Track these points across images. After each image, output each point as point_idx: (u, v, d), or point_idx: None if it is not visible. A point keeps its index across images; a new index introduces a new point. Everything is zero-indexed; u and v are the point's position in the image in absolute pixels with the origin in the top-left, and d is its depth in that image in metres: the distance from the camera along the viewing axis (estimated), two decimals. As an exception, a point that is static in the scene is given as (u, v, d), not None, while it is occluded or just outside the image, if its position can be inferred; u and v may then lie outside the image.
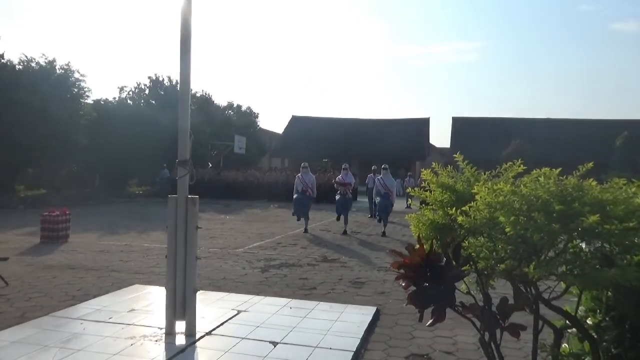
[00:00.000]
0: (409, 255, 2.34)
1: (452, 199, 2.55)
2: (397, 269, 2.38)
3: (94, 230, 11.68)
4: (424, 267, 2.28)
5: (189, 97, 4.39)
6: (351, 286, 6.53)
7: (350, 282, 6.77)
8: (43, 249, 8.94)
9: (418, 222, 2.65)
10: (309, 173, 12.57)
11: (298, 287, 6.41)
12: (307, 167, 12.57)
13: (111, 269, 7.24)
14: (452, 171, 2.69)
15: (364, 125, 43.21)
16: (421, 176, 2.81)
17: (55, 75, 20.56)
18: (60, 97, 19.93)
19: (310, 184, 12.38)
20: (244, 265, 7.74)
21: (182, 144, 4.30)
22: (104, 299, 5.44)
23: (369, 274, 7.37)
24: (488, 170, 2.70)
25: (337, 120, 44.88)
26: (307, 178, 12.41)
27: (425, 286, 2.29)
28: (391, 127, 42.32)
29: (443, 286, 2.27)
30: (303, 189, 12.28)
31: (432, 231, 2.56)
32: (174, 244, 4.30)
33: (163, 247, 8.76)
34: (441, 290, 2.26)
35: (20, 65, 20.09)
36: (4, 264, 6.83)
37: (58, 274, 6.81)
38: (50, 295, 5.62)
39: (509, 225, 1.98)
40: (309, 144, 40.11)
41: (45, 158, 19.84)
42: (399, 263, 2.36)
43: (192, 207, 4.27)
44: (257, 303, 5.46)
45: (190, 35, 4.30)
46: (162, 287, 5.27)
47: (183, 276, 4.27)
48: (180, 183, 4.30)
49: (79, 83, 21.55)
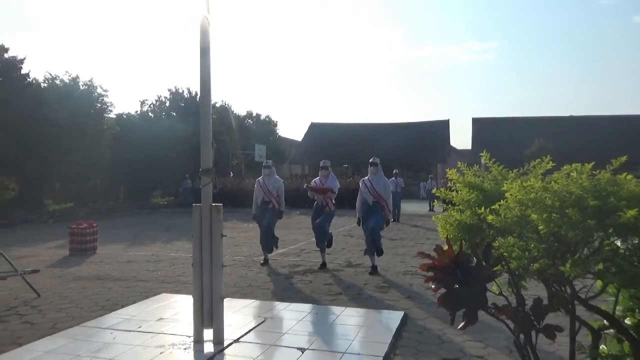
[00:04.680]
0: (437, 257, 2.30)
1: (479, 199, 2.50)
2: (426, 271, 2.35)
3: (121, 241, 11.87)
4: (454, 268, 2.24)
5: (209, 107, 4.43)
6: (377, 291, 6.47)
7: (376, 286, 6.72)
8: (72, 260, 9.13)
9: (445, 223, 2.61)
10: (274, 176, 8.68)
11: (324, 292, 6.39)
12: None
13: (138, 278, 7.34)
14: (479, 170, 2.65)
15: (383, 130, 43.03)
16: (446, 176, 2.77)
17: (78, 92, 21.11)
18: (84, 113, 20.45)
19: (276, 192, 8.54)
20: (269, 273, 7.76)
21: (205, 152, 4.34)
22: (132, 309, 5.51)
23: (394, 278, 7.30)
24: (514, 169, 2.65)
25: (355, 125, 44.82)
26: (270, 183, 8.57)
27: (456, 288, 2.25)
28: (411, 130, 42.05)
29: (474, 288, 2.22)
30: (265, 199, 8.52)
31: (460, 232, 2.51)
32: (200, 252, 4.32)
33: (188, 256, 8.86)
34: (472, 292, 2.22)
35: (45, 83, 20.69)
36: (36, 276, 6.98)
37: (87, 284, 6.94)
38: (80, 306, 5.73)
39: (542, 222, 1.93)
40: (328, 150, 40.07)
41: (71, 172, 20.33)
42: (427, 265, 2.32)
43: (217, 215, 4.30)
44: (283, 309, 5.45)
45: (209, 46, 4.35)
46: (189, 295, 5.31)
47: (209, 284, 4.29)
48: (204, 191, 4.34)
49: (102, 98, 22.07)
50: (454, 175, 2.62)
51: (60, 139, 18.95)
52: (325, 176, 8.34)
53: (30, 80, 19.87)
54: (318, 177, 8.51)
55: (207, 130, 4.34)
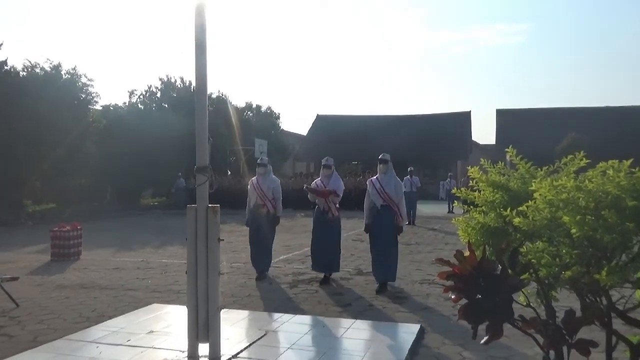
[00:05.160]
0: (458, 264, 2.30)
1: (505, 199, 2.51)
2: (445, 280, 2.35)
3: (107, 246, 11.94)
4: (476, 276, 2.25)
5: (205, 98, 4.44)
6: (391, 302, 6.48)
7: (390, 297, 6.72)
8: (54, 267, 9.20)
9: (467, 227, 2.62)
10: (269, 175, 8.35)
11: (331, 303, 6.40)
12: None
13: (127, 287, 7.38)
14: (504, 168, 2.65)
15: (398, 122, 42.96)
16: (468, 174, 2.77)
17: (61, 81, 21.27)
18: (67, 104, 20.60)
19: (272, 194, 8.17)
20: (271, 281, 7.78)
21: (200, 148, 4.35)
22: (120, 320, 5.54)
23: (410, 287, 7.30)
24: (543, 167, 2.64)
25: (366, 117, 44.80)
26: (266, 183, 8.19)
27: (478, 298, 2.25)
28: (428, 123, 41.97)
29: (499, 298, 2.23)
30: (258, 201, 8.14)
31: (483, 236, 2.52)
32: (195, 258, 4.34)
33: (182, 262, 8.90)
34: (497, 303, 2.22)
35: (24, 71, 20.87)
36: (14, 284, 7.03)
37: (71, 293, 6.99)
38: (63, 317, 5.76)
39: (575, 225, 1.92)
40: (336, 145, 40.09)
41: (53, 170, 20.49)
42: (447, 273, 2.33)
43: (213, 218, 4.31)
44: (287, 322, 5.47)
45: (206, 31, 4.36)
46: (183, 306, 5.33)
47: (205, 294, 4.31)
48: (199, 191, 4.35)
49: (87, 88, 22.26)
50: (476, 174, 2.62)
51: (41, 133, 19.09)
52: (328, 176, 7.88)
53: (8, 68, 20.04)
54: (319, 177, 8.15)
55: (202, 123, 4.36)
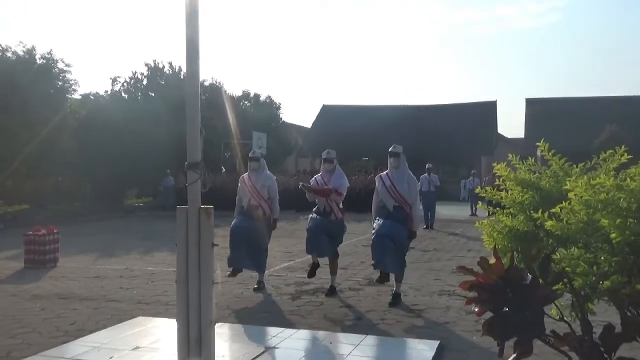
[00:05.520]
0: (482, 272, 2.31)
1: (535, 200, 2.51)
2: (468, 290, 2.35)
3: (88, 252, 12.00)
4: (503, 287, 2.25)
5: (197, 85, 4.45)
6: (406, 315, 6.49)
7: (405, 309, 6.73)
8: (28, 275, 9.26)
9: (492, 231, 2.62)
10: (264, 171, 8.13)
11: (339, 317, 6.41)
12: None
13: (109, 298, 7.42)
14: (535, 164, 2.64)
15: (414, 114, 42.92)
16: (493, 171, 2.77)
17: (35, 67, 21.38)
18: (42, 93, 20.70)
19: (267, 193, 7.96)
20: (271, 292, 7.81)
21: (192, 142, 4.36)
22: (102, 335, 5.57)
23: (427, 299, 7.31)
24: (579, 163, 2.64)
25: (379, 108, 44.78)
26: (260, 180, 7.96)
27: (505, 311, 2.26)
28: (448, 114, 41.91)
29: (528, 311, 2.23)
30: (252, 202, 7.90)
31: (511, 241, 2.52)
32: (185, 266, 4.36)
33: (171, 270, 8.93)
34: (526, 317, 2.23)
35: (-6, 56, 20.97)
36: (-16, 294, 7.11)
37: (47, 304, 7.03)
38: (38, 331, 5.80)
39: (615, 230, 1.92)
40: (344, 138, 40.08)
41: (26, 167, 20.59)
42: (469, 283, 2.34)
43: (207, 220, 4.32)
44: (289, 338, 5.48)
45: (198, 10, 4.37)
46: (172, 319, 5.34)
47: (197, 306, 4.32)
48: (190, 191, 4.36)
49: (64, 75, 22.37)
50: (503, 171, 2.62)
51: (12, 126, 19.20)
52: (330, 171, 7.61)
53: (-25, 52, 20.20)
54: (320, 173, 7.92)
55: (194, 114, 4.37)
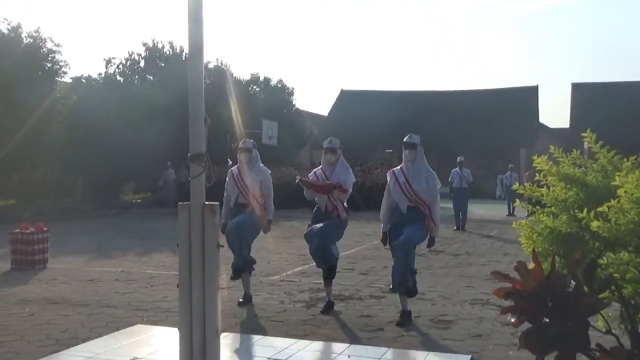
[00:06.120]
0: (519, 278, 2.32)
1: (580, 197, 2.51)
2: (503, 299, 2.37)
3: (80, 252, 12.15)
4: (543, 295, 2.26)
5: (201, 67, 4.48)
6: (433, 326, 6.49)
7: (432, 320, 6.73)
8: (15, 277, 9.42)
9: (532, 232, 2.62)
10: (256, 163, 7.88)
11: (358, 327, 6.44)
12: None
13: (104, 304, 7.51)
14: (580, 157, 2.64)
15: (444, 100, 42.72)
16: (533, 165, 2.77)
17: (21, 46, 21.57)
18: (28, 75, 20.89)
19: (259, 189, 7.65)
20: (283, 299, 7.85)
21: (195, 131, 4.38)
22: (97, 344, 5.65)
23: (457, 309, 7.30)
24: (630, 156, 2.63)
25: (404, 94, 44.62)
26: (250, 175, 7.67)
27: (545, 322, 2.27)
28: (482, 100, 41.64)
29: (571, 322, 2.24)
30: (240, 199, 7.63)
31: (552, 244, 2.53)
32: (188, 269, 4.39)
33: (172, 273, 9.02)
34: (568, 328, 2.24)
35: (-25, 34, 21.18)
36: (-33, 298, 7.24)
37: (36, 310, 7.13)
38: (27, 339, 5.89)
39: (669, 232, 1.92)
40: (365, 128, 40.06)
41: (11, 159, 20.79)
42: (505, 290, 2.35)
43: (211, 218, 4.35)
44: (302, 350, 5.52)
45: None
46: (174, 328, 5.43)
47: (201, 313, 4.36)
48: (193, 185, 4.39)
49: (53, 56, 22.57)
50: (544, 164, 2.62)
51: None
52: (332, 164, 7.31)
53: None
54: (320, 166, 7.61)
55: (197, 100, 4.39)
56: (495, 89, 43.82)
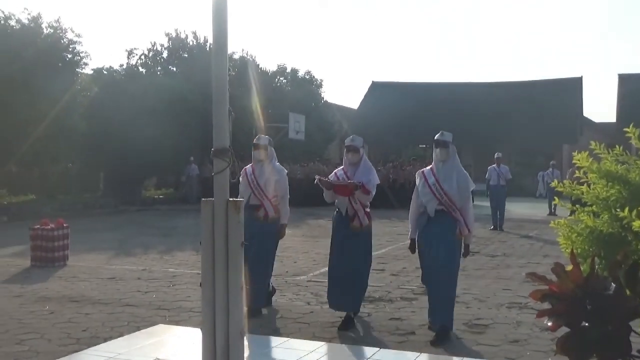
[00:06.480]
0: (557, 280, 2.32)
1: (623, 196, 2.49)
2: (540, 301, 2.37)
3: (101, 249, 12.38)
4: (582, 297, 2.26)
5: (226, 58, 4.51)
6: (467, 330, 6.48)
7: (466, 324, 6.72)
8: (35, 274, 9.62)
9: (571, 232, 2.62)
10: (272, 162, 7.64)
11: (388, 331, 6.45)
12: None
13: (126, 302, 7.64)
14: (623, 153, 2.62)
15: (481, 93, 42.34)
16: (573, 161, 2.75)
17: (41, 37, 21.81)
18: (49, 67, 21.10)
19: (273, 190, 7.42)
20: (309, 300, 7.89)
21: (219, 125, 4.42)
22: (118, 344, 5.76)
23: (493, 312, 7.27)
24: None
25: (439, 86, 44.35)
26: (264, 174, 7.43)
27: (584, 327, 2.26)
28: (522, 93, 41.17)
29: (611, 326, 2.23)
30: (253, 201, 7.28)
31: (592, 244, 2.51)
32: (211, 267, 4.44)
33: (195, 272, 9.14)
34: (609, 333, 2.23)
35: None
36: (-13, 295, 7.43)
37: (56, 308, 7.29)
38: (47, 337, 6.03)
39: None
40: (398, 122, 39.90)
41: (32, 152, 21.13)
42: (541, 292, 2.35)
43: (235, 215, 4.39)
44: (329, 353, 5.56)
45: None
46: (196, 328, 5.50)
47: (225, 313, 4.41)
48: (217, 181, 4.43)
49: (74, 46, 22.79)
50: (584, 161, 2.61)
51: (16, 104, 19.67)
52: (354, 163, 7.01)
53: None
54: (342, 166, 7.29)
55: (221, 92, 4.43)
56: (536, 81, 43.33)
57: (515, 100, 40.29)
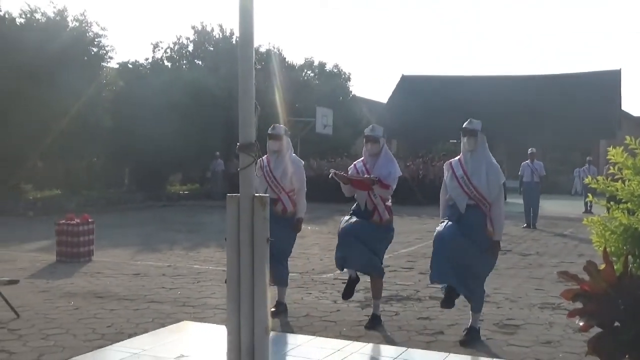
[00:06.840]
0: (589, 279, 2.31)
1: (658, 193, 2.47)
2: (572, 301, 2.37)
3: (126, 245, 12.56)
4: (614, 297, 2.25)
5: (252, 51, 4.53)
6: (498, 331, 6.46)
7: (497, 324, 6.70)
8: (60, 269, 9.79)
9: (604, 230, 2.60)
10: (288, 153, 7.38)
11: (416, 330, 6.46)
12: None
13: (151, 299, 7.75)
14: (660, 149, 2.60)
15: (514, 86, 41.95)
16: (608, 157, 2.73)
17: (67, 31, 22.05)
18: (74, 61, 21.32)
19: (290, 183, 7.21)
20: (336, 298, 7.91)
21: (245, 120, 4.45)
22: (143, 340, 5.86)
23: (525, 313, 7.23)
24: None
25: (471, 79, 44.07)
26: (280, 166, 7.21)
27: (616, 327, 2.25)
28: (557, 86, 40.73)
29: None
30: (269, 194, 6.63)
31: (626, 243, 2.50)
32: (237, 264, 4.47)
33: (220, 269, 9.22)
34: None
35: (21, 18, 21.81)
36: (13, 289, 7.57)
37: (81, 303, 7.43)
38: (72, 332, 6.16)
39: None
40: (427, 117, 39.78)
41: (57, 147, 21.40)
42: (573, 292, 2.35)
43: (261, 211, 4.41)
44: (356, 352, 5.58)
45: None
46: (221, 325, 5.56)
47: (250, 310, 4.44)
48: (243, 176, 4.46)
49: (99, 40, 23.03)
50: (619, 157, 2.59)
51: (42, 98, 19.89)
52: (374, 155, 6.81)
53: (2, 14, 21.06)
54: (361, 158, 7.09)
55: (248, 86, 4.45)
56: (572, 74, 42.81)
57: (550, 94, 39.85)
